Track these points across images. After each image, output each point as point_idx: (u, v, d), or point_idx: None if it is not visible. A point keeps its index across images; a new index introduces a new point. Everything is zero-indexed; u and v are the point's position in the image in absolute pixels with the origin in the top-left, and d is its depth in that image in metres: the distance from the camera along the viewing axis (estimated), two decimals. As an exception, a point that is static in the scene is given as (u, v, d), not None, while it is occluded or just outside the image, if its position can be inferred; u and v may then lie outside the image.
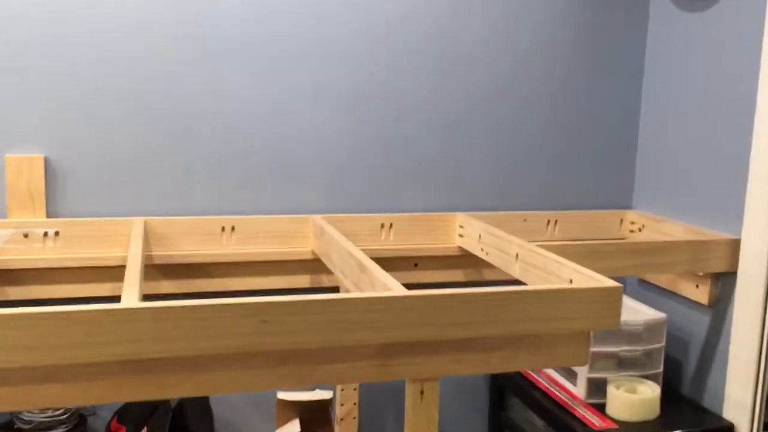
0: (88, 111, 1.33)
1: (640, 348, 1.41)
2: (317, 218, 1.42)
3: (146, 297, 1.41)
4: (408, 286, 1.52)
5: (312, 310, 0.88)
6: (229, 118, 1.41)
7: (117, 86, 1.34)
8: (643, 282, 1.65)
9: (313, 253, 1.43)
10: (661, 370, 1.44)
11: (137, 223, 1.33)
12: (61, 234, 1.32)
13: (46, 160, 1.33)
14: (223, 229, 1.40)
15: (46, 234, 1.31)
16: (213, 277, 1.41)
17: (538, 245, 1.23)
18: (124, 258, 1.34)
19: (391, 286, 0.96)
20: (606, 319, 0.99)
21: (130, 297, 0.88)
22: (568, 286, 0.98)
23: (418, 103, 1.51)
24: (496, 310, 0.95)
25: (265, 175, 1.45)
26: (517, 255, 1.24)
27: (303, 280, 1.46)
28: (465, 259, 1.52)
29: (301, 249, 1.44)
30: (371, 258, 1.46)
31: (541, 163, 1.61)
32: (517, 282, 1.23)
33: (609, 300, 0.99)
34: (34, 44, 1.29)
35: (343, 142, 1.48)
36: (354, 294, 0.90)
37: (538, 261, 1.17)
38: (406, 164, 1.52)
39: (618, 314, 0.99)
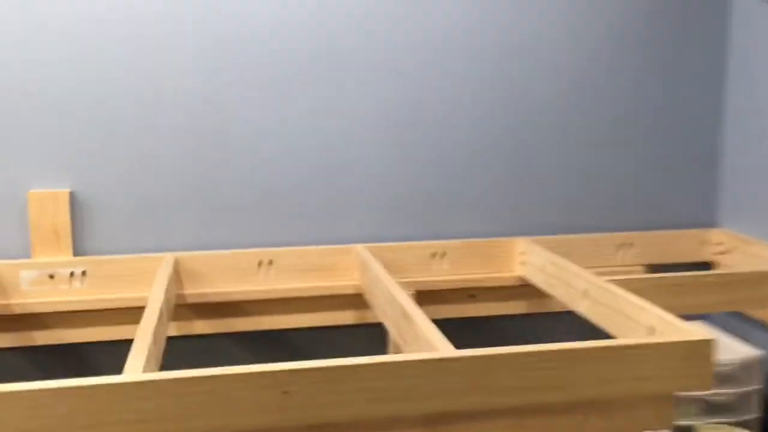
0: (114, 143, 1.24)
1: (733, 390, 1.23)
2: (360, 248, 1.30)
3: (179, 338, 1.32)
4: (463, 321, 1.38)
5: (342, 377, 0.75)
6: (264, 144, 1.30)
7: (145, 117, 1.25)
8: (735, 312, 1.46)
9: (357, 286, 1.30)
10: (758, 415, 1.25)
11: (166, 261, 1.23)
12: (88, 273, 1.23)
13: (72, 195, 1.24)
14: (259, 263, 1.29)
15: (72, 274, 1.23)
16: (249, 315, 1.30)
17: (610, 280, 1.07)
18: (140, 299, 1.24)
19: (437, 344, 0.83)
20: (694, 379, 0.83)
21: (135, 366, 0.77)
22: (648, 340, 0.82)
23: (473, 119, 1.37)
24: (562, 372, 0.80)
25: (304, 203, 1.33)
26: (585, 291, 1.09)
27: (346, 316, 1.34)
28: (527, 288, 1.37)
29: (344, 282, 1.31)
30: (422, 290, 1.34)
31: (610, 178, 1.44)
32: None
33: (698, 356, 0.83)
34: (58, 76, 1.20)
35: (387, 165, 1.35)
36: (391, 357, 0.77)
37: (610, 300, 1.02)
38: (459, 185, 1.38)
39: (710, 374, 0.83)
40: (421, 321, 0.90)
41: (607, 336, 1.02)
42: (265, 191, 1.31)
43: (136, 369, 0.76)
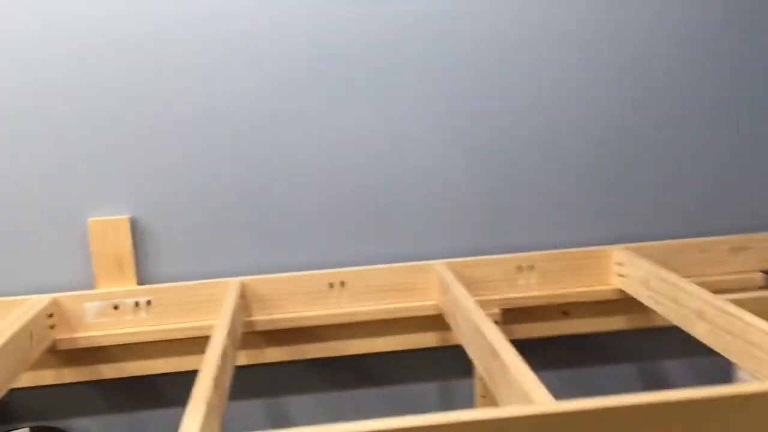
0: (173, 165, 1.17)
1: None
2: (440, 266, 1.19)
3: (251, 366, 1.25)
4: (557, 339, 1.25)
5: (426, 439, 0.65)
6: (328, 158, 1.20)
7: (204, 137, 1.17)
8: None
9: (437, 306, 1.19)
10: None
11: (232, 286, 1.15)
12: (153, 303, 1.17)
13: (132, 222, 1.19)
14: (331, 285, 1.20)
15: (137, 304, 1.17)
16: (323, 340, 1.22)
17: (731, 299, 0.92)
18: (206, 327, 1.17)
19: (533, 394, 0.71)
20: None
21: (200, 397, 0.69)
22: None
23: (553, 116, 1.23)
24: (689, 425, 0.67)
25: (376, 218, 1.23)
26: (700, 313, 0.94)
27: (427, 338, 1.23)
28: (627, 302, 1.23)
29: (423, 303, 1.21)
30: (509, 308, 1.22)
31: (715, 175, 1.28)
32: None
33: None
34: (115, 96, 1.14)
35: (461, 171, 1.23)
36: (472, 414, 0.66)
37: (733, 326, 0.87)
38: (541, 190, 1.25)
39: None
40: (513, 362, 0.78)
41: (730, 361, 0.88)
42: (333, 208, 1.22)
43: (200, 401, 0.68)
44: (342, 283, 1.20)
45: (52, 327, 1.13)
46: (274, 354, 1.21)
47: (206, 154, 1.18)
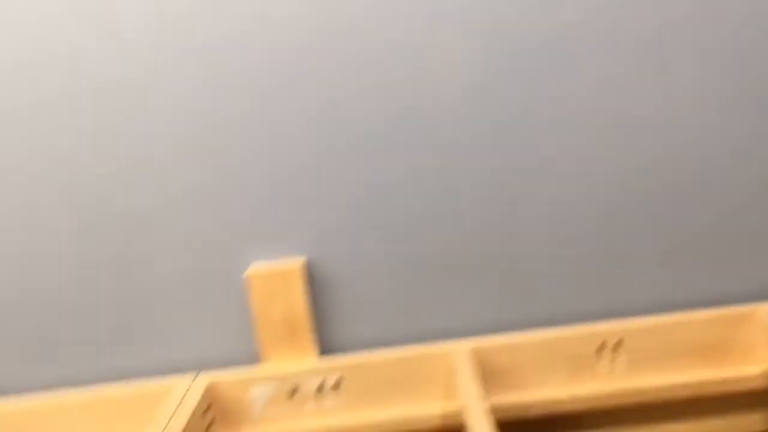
0: (359, 201, 0.81)
1: None
2: (775, 314, 0.77)
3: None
4: None
5: None
6: (563, 189, 0.81)
7: (396, 159, 0.81)
8: None
9: (772, 375, 0.78)
10: None
11: (459, 354, 0.78)
12: (343, 384, 0.81)
13: (309, 267, 0.83)
14: (601, 346, 0.80)
15: (321, 387, 0.81)
16: (594, 428, 0.82)
17: None
18: (453, 413, 0.80)
19: None
20: None
21: None
22: None
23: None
24: None
25: (647, 248, 0.82)
26: None
27: (752, 421, 0.82)
28: None
29: (746, 368, 0.79)
30: None
31: None
32: None
33: None
34: (294, 117, 0.80)
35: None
36: None
37: None
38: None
39: None
40: None
41: None
42: (584, 243, 0.82)
43: None
44: (617, 345, 0.80)
45: (209, 426, 0.79)
46: (521, 452, 0.82)
47: (398, 187, 0.81)
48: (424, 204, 0.81)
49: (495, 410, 0.79)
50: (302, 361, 0.83)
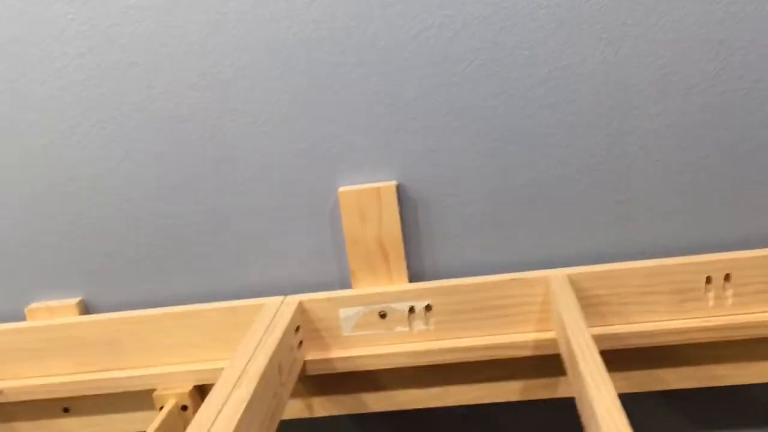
0: (455, 114, 0.78)
1: None
2: None
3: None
4: None
5: None
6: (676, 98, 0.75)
7: (495, 85, 0.76)
8: None
9: None
10: None
11: (557, 282, 0.75)
12: (434, 310, 0.80)
13: (400, 191, 0.82)
14: (707, 279, 0.76)
15: (412, 310, 0.80)
16: (696, 363, 0.78)
17: None
18: (546, 343, 0.78)
19: None
20: None
21: None
22: None
23: None
24: None
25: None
26: None
27: None
28: None
29: None
30: None
31: None
32: None
33: None
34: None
35: None
36: None
37: None
38: None
39: None
40: None
41: None
42: (695, 171, 0.77)
43: None
44: (726, 277, 0.75)
45: (299, 345, 0.79)
46: (625, 385, 0.80)
47: (509, 95, 0.77)
48: (523, 127, 0.78)
49: (595, 340, 0.76)
50: (392, 285, 0.82)
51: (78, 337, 0.84)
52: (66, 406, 0.87)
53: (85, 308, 0.89)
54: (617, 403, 0.52)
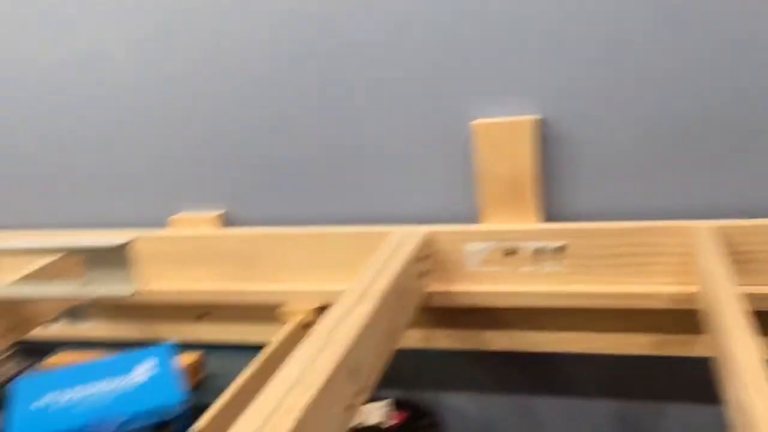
0: (606, 55, 0.73)
1: None
2: None
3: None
4: None
5: None
6: None
7: (647, 21, 0.70)
8: None
9: None
10: None
11: (702, 231, 0.70)
12: (565, 252, 0.77)
13: (541, 126, 0.78)
14: None
15: (541, 250, 0.77)
16: None
17: None
18: (685, 297, 0.72)
19: None
20: None
21: None
22: None
23: None
24: None
25: None
26: None
27: None
28: None
29: None
30: None
31: None
32: None
33: None
34: None
35: None
36: None
37: None
38: None
39: None
40: None
41: None
42: None
43: None
44: None
45: (423, 275, 0.79)
46: None
47: (663, 31, 0.71)
48: (679, 67, 0.71)
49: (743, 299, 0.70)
50: (523, 224, 0.79)
51: (217, 248, 0.89)
52: (201, 313, 0.92)
53: (225, 221, 0.93)
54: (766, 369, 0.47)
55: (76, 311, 0.95)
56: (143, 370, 0.29)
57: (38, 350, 0.91)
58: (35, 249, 0.73)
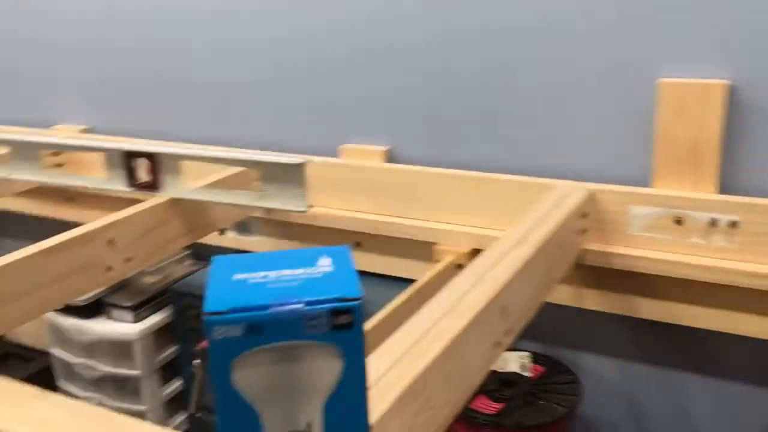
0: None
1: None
2: None
3: None
4: None
5: None
6: None
7: None
8: None
9: None
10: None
11: None
12: (741, 226, 0.72)
13: (732, 92, 0.73)
14: None
15: (713, 222, 0.73)
16: None
17: None
18: None
19: None
20: None
21: None
22: None
23: None
24: None
25: None
26: None
27: None
28: None
29: None
30: None
31: None
32: None
33: None
34: None
35: None
36: None
37: None
38: None
39: None
40: None
41: None
42: None
43: None
44: None
45: (582, 232, 0.78)
46: None
47: None
48: None
49: None
50: (697, 193, 0.75)
51: (380, 181, 0.92)
52: (359, 240, 0.96)
53: (390, 157, 0.96)
54: None
55: (246, 224, 1.03)
56: (326, 263, 0.31)
57: (207, 256, 0.99)
58: (219, 158, 0.79)
